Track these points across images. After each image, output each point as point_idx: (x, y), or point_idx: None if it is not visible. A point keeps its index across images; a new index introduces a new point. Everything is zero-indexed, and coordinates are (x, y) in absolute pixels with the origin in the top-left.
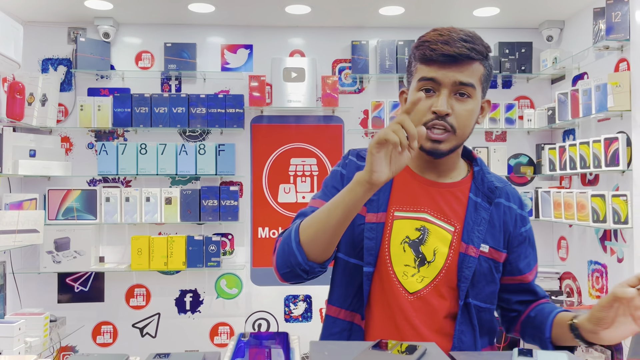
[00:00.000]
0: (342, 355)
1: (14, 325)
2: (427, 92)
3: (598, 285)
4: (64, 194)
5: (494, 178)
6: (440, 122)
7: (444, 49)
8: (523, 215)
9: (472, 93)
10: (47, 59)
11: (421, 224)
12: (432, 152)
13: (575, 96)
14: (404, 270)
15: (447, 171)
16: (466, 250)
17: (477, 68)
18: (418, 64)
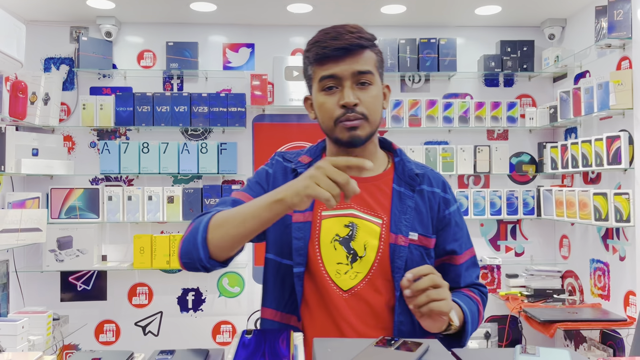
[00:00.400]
0: (345, 352)
1: (17, 323)
2: (330, 90)
3: (600, 283)
4: (66, 193)
5: (414, 166)
6: (351, 113)
7: (334, 44)
8: (447, 198)
9: (372, 79)
10: (50, 58)
11: (349, 220)
12: (351, 141)
13: (577, 94)
14: (337, 268)
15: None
16: (396, 240)
17: (370, 55)
18: (314, 67)
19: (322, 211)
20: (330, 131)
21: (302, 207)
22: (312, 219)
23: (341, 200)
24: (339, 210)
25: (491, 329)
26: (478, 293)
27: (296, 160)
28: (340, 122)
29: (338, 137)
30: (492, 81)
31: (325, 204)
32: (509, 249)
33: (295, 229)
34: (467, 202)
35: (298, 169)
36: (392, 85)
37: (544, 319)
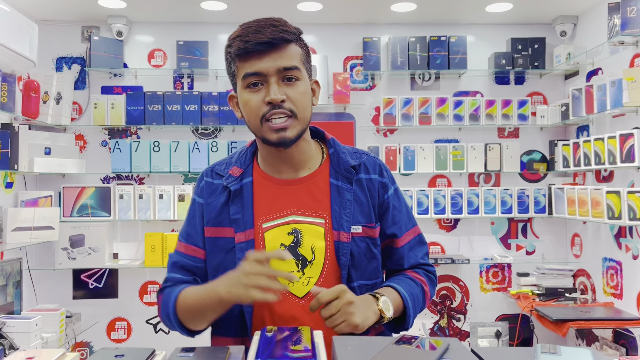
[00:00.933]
0: (366, 350)
1: (30, 321)
2: (255, 86)
3: (613, 282)
4: (78, 192)
5: (350, 155)
6: (278, 110)
7: (257, 38)
8: (384, 182)
9: (299, 75)
10: (62, 57)
11: (291, 227)
12: (281, 142)
13: (590, 92)
14: None
15: (302, 163)
16: (338, 237)
17: (295, 49)
18: (237, 62)
19: (262, 223)
20: (257, 130)
21: (248, 302)
22: (255, 235)
23: (280, 207)
24: (279, 219)
25: (502, 327)
26: (423, 273)
27: (227, 174)
28: (267, 121)
29: (266, 137)
30: (503, 79)
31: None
32: (520, 247)
33: (239, 250)
34: (478, 200)
35: (230, 187)
36: (402, 83)
37: (556, 317)
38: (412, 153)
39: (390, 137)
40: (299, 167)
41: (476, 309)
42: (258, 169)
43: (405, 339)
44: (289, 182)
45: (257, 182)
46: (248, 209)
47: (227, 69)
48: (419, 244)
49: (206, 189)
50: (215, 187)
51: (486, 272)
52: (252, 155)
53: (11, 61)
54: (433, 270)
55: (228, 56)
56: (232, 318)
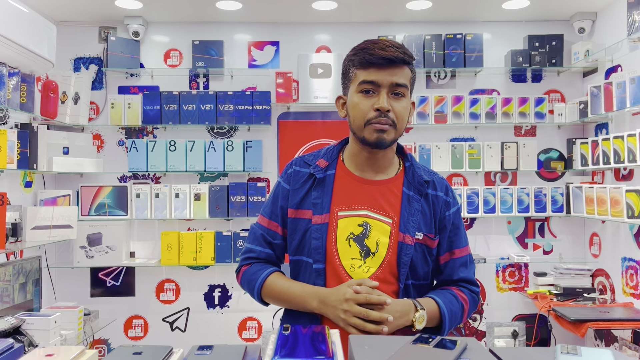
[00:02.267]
0: (383, 350)
1: (50, 318)
2: (367, 93)
3: (632, 282)
4: (96, 191)
5: (423, 172)
6: (384, 118)
7: (381, 53)
8: (448, 201)
9: (406, 93)
10: (79, 58)
11: (363, 220)
12: (377, 143)
13: (609, 89)
14: (351, 263)
15: (383, 168)
16: (403, 239)
17: (408, 71)
18: (357, 70)
19: (338, 211)
20: (359, 130)
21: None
22: (329, 220)
23: (356, 201)
24: (353, 210)
25: (519, 327)
26: (468, 293)
27: (314, 164)
28: (370, 124)
29: (365, 138)
30: (520, 76)
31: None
32: (537, 246)
33: (314, 230)
34: (494, 199)
35: (316, 174)
36: (418, 81)
37: (575, 318)
38: (428, 152)
39: (405, 136)
40: (380, 170)
41: (493, 308)
42: (342, 165)
43: (422, 338)
44: (368, 181)
45: (339, 175)
46: (327, 196)
47: (344, 73)
48: (469, 262)
49: (293, 176)
50: (303, 174)
51: (503, 272)
52: (338, 152)
53: (30, 62)
54: (477, 291)
55: (350, 62)
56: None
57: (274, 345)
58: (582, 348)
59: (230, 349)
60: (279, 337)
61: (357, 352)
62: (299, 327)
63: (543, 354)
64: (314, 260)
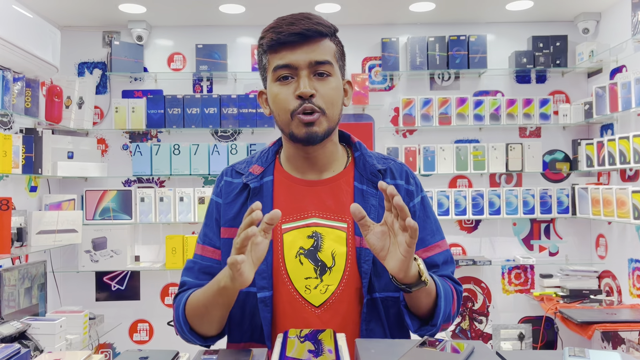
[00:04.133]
0: (389, 354)
1: (55, 322)
2: (285, 80)
3: (639, 284)
4: (100, 195)
5: (376, 160)
6: (308, 105)
7: (290, 29)
8: (410, 190)
9: (331, 70)
10: (83, 62)
11: (312, 230)
12: (309, 138)
13: (614, 90)
14: (306, 283)
15: (327, 165)
16: (360, 243)
17: (329, 45)
18: (268, 55)
19: (281, 224)
20: (285, 125)
21: (240, 282)
22: (273, 236)
23: (301, 209)
24: (299, 220)
25: (525, 330)
26: (453, 284)
27: (247, 172)
28: (296, 115)
29: (294, 133)
30: (524, 78)
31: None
32: (543, 248)
33: None
34: (499, 200)
35: (250, 184)
36: (422, 83)
37: (581, 320)
38: (432, 154)
39: (409, 138)
40: (324, 168)
41: (498, 310)
42: (280, 168)
43: (429, 342)
44: (312, 183)
45: (278, 181)
46: (267, 208)
47: (259, 63)
48: (449, 260)
49: (225, 188)
50: (235, 186)
51: (508, 274)
52: (274, 154)
53: (35, 67)
54: (461, 290)
55: (260, 49)
56: (248, 326)
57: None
58: (590, 351)
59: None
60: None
61: (364, 356)
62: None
63: (551, 357)
64: (258, 287)
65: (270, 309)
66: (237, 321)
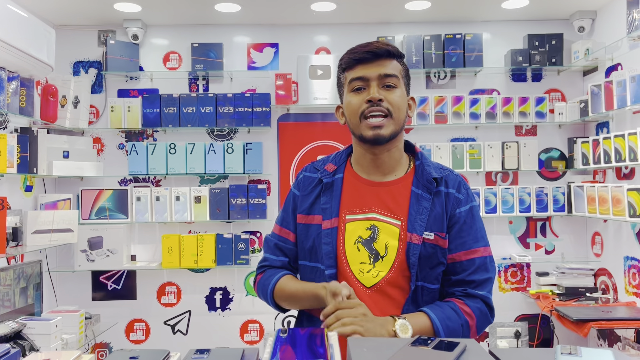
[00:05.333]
0: (381, 352)
1: (51, 322)
2: (359, 90)
3: (635, 281)
4: (96, 194)
5: (434, 169)
6: (376, 107)
7: (364, 49)
8: (459, 198)
9: (397, 83)
10: (79, 61)
11: (371, 223)
12: (375, 139)
13: (609, 88)
14: (360, 267)
15: (390, 169)
16: (410, 239)
17: (396, 64)
18: (345, 73)
19: (346, 215)
20: (356, 128)
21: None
22: (338, 224)
23: (363, 204)
24: (361, 214)
25: (521, 327)
26: (475, 307)
27: (322, 169)
28: (365, 118)
29: (362, 134)
30: (520, 76)
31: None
32: (539, 246)
33: (325, 235)
34: (495, 199)
35: (324, 179)
36: (418, 82)
37: (577, 318)
38: (429, 152)
39: (405, 136)
40: (387, 172)
41: (495, 309)
42: (350, 169)
43: (421, 340)
44: (375, 183)
45: (347, 179)
46: (336, 200)
47: (337, 82)
48: (489, 264)
49: (303, 182)
50: (312, 179)
51: (505, 272)
52: (347, 156)
53: (29, 66)
54: (489, 301)
55: (339, 69)
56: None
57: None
58: (582, 349)
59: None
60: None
61: (356, 355)
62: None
63: (543, 355)
64: (326, 265)
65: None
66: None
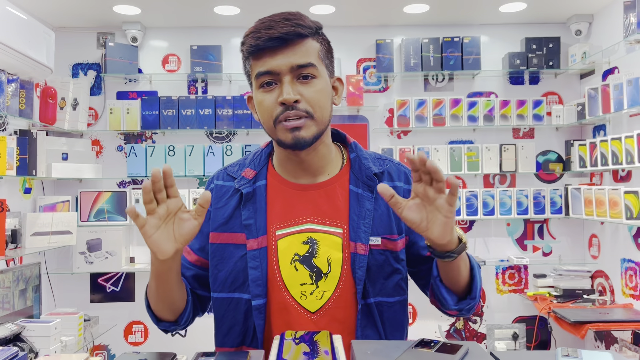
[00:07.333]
0: (385, 355)
1: (50, 324)
2: (269, 85)
3: (632, 283)
4: (95, 196)
5: (372, 161)
6: (292, 111)
7: (269, 33)
8: (410, 190)
9: (315, 72)
10: (78, 63)
11: (307, 235)
12: (297, 144)
13: (606, 91)
14: (301, 290)
15: (320, 168)
16: (355, 249)
17: (311, 45)
18: (251, 61)
19: (275, 230)
20: (271, 132)
21: (157, 247)
22: (267, 243)
23: (295, 214)
24: (294, 226)
25: (519, 329)
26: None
27: (239, 176)
28: (280, 122)
29: (281, 139)
30: (517, 79)
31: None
32: (537, 248)
33: (251, 258)
34: (493, 201)
35: (242, 189)
36: (416, 85)
37: (574, 319)
38: (427, 154)
39: (404, 139)
40: (318, 172)
41: (493, 310)
42: (273, 172)
43: (424, 342)
44: (306, 187)
45: (272, 185)
46: (261, 214)
47: (243, 68)
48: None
49: (215, 193)
50: (227, 189)
51: (502, 274)
52: (267, 156)
53: (29, 68)
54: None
55: (242, 54)
56: (239, 331)
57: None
58: (582, 351)
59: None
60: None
61: (360, 357)
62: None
63: (544, 357)
64: (253, 295)
65: (263, 315)
66: (229, 325)
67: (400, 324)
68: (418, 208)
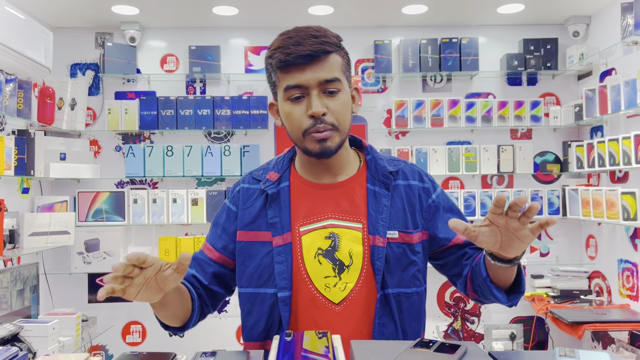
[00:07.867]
0: (384, 354)
1: (48, 325)
2: (297, 100)
3: (629, 284)
4: (93, 196)
5: (387, 162)
6: (321, 125)
7: (298, 50)
8: (425, 187)
9: (340, 86)
10: (76, 63)
11: (329, 231)
12: (323, 153)
13: (604, 92)
14: (325, 282)
15: (340, 169)
16: (374, 241)
17: (335, 60)
18: (278, 73)
19: (299, 227)
20: (299, 142)
21: (144, 301)
22: (292, 239)
23: (317, 211)
24: (317, 222)
25: (516, 330)
26: None
27: (264, 179)
28: (309, 134)
29: (308, 149)
30: (515, 80)
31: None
32: (534, 249)
33: (277, 253)
34: (491, 202)
35: (268, 190)
36: (414, 86)
37: (572, 320)
38: (425, 155)
39: (402, 140)
40: (337, 173)
41: (490, 311)
42: (295, 174)
43: (423, 343)
44: (327, 186)
45: (295, 186)
46: (285, 212)
47: (268, 78)
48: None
49: (242, 194)
50: (253, 191)
51: None
52: (290, 160)
53: (27, 68)
54: None
55: (269, 67)
56: (265, 324)
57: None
58: (580, 351)
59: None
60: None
61: (359, 357)
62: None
63: (542, 357)
64: (279, 287)
65: (289, 307)
66: (254, 320)
67: (418, 314)
68: (493, 233)
